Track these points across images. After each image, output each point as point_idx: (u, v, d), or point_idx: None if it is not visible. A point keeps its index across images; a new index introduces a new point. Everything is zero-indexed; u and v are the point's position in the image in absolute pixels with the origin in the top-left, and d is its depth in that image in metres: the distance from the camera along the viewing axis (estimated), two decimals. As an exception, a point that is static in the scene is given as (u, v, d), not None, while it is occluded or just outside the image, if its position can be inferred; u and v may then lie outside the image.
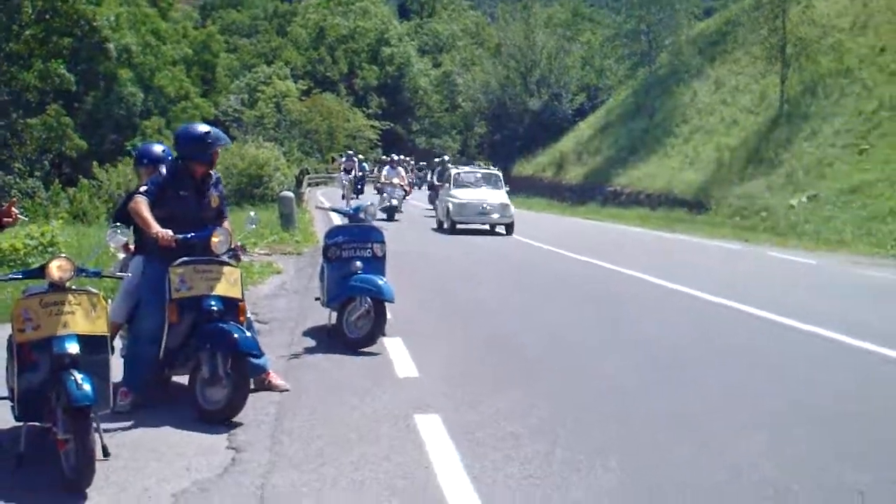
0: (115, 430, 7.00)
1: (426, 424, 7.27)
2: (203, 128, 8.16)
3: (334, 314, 10.54)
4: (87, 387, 5.84)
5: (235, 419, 7.37)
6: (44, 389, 6.15)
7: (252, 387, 8.04)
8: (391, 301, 10.18)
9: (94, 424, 5.96)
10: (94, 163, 45.15)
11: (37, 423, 6.33)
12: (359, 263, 10.34)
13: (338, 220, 18.20)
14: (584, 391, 8.53)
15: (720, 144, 37.30)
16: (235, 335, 7.36)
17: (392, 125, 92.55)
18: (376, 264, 10.53)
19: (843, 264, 19.36)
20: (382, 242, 10.77)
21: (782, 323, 11.88)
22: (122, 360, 8.01)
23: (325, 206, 14.76)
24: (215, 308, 7.57)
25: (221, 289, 7.73)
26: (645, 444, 6.95)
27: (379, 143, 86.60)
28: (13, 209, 6.84)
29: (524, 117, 63.72)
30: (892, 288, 16.29)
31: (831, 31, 37.40)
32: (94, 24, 52.07)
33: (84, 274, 6.65)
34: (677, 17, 49.53)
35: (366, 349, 10.01)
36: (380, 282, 10.21)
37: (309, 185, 54.41)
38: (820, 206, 26.93)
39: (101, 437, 6.07)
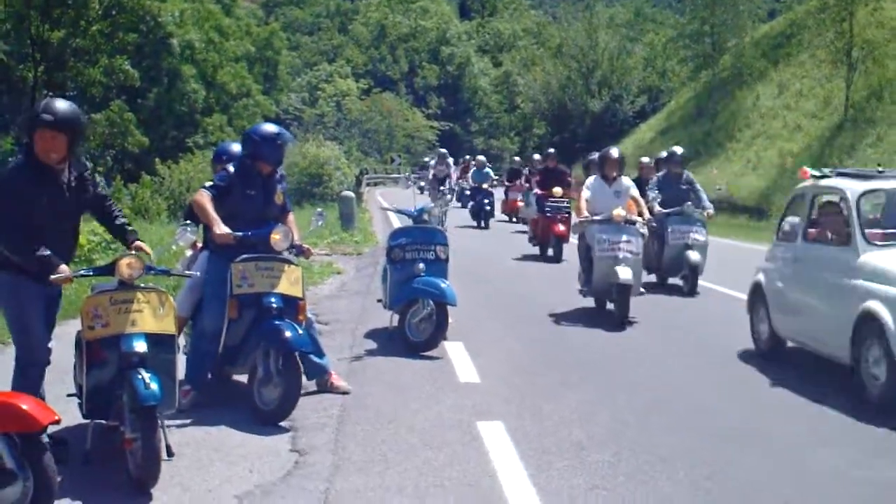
0: (179, 428, 7.04)
1: (489, 431, 7.24)
2: (273, 128, 8.21)
3: (396, 316, 10.53)
4: (154, 386, 5.87)
5: (298, 421, 7.39)
6: (111, 387, 6.19)
7: (315, 388, 8.10)
8: (454, 304, 10.15)
9: (161, 424, 5.99)
10: (156, 159, 45.55)
11: (104, 421, 6.37)
12: (422, 266, 10.32)
13: (398, 221, 18.24)
14: (648, 398, 8.43)
15: (783, 150, 36.87)
16: (288, 332, 7.35)
17: (451, 125, 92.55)
18: (439, 267, 10.50)
19: None
20: (446, 245, 10.74)
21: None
22: (185, 356, 8.06)
23: (387, 207, 14.80)
24: (275, 305, 7.57)
25: (282, 286, 7.71)
26: (712, 454, 6.85)
27: (437, 144, 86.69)
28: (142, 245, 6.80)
29: (584, 119, 63.44)
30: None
31: (900, 34, 36.88)
32: (159, 20, 52.54)
33: (152, 272, 6.70)
34: (741, 18, 49.03)
35: (427, 353, 9.99)
36: (443, 285, 10.17)
37: (367, 184, 54.56)
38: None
39: (165, 437, 6.10)
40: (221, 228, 7.51)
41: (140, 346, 6.12)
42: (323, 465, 6.46)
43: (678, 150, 16.00)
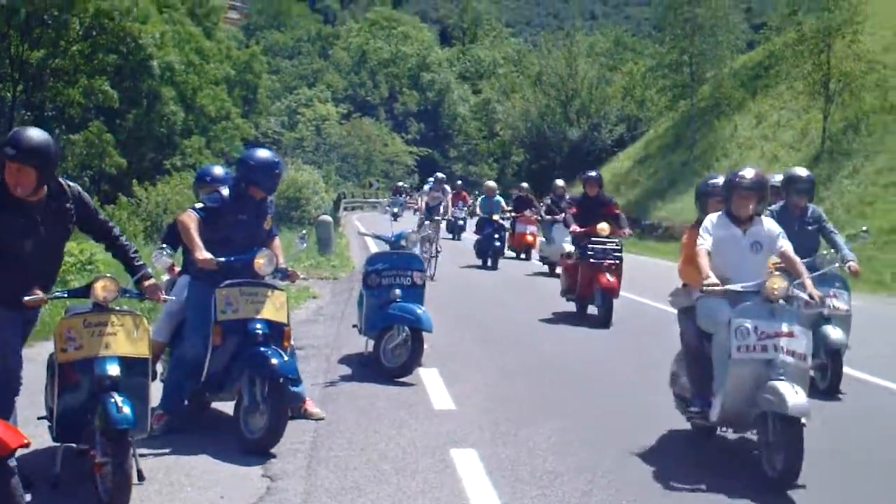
0: (151, 454, 6.97)
1: (463, 459, 7.21)
2: (269, 154, 8.14)
3: (371, 342, 10.51)
4: (127, 410, 5.82)
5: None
6: (83, 410, 6.13)
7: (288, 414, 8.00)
8: (429, 331, 10.14)
9: (132, 448, 5.94)
10: (134, 181, 45.43)
11: (74, 445, 6.30)
12: (398, 291, 10.31)
13: (375, 246, 18.21)
14: (624, 427, 8.42)
15: (760, 180, 37.05)
16: (274, 360, 7.17)
17: (430, 151, 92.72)
18: (415, 293, 10.49)
19: (883, 306, 19.15)
20: (423, 270, 10.75)
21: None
22: (161, 382, 8.00)
23: (365, 232, 14.62)
24: (260, 332, 7.44)
25: (267, 312, 7.60)
26: (686, 484, 6.84)
27: (416, 170, 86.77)
28: (161, 295, 6.71)
29: (563, 146, 63.59)
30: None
31: (876, 66, 37.10)
32: (140, 41, 52.50)
33: (127, 294, 6.59)
34: (720, 49, 49.25)
35: (402, 379, 9.96)
36: (419, 311, 10.16)
37: (345, 209, 54.51)
38: (860, 246, 26.60)
39: (137, 461, 6.04)
40: (203, 254, 7.37)
41: (113, 370, 6.07)
42: (295, 491, 6.41)
43: (803, 172, 10.87)
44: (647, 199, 46.96)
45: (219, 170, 9.02)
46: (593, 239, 14.69)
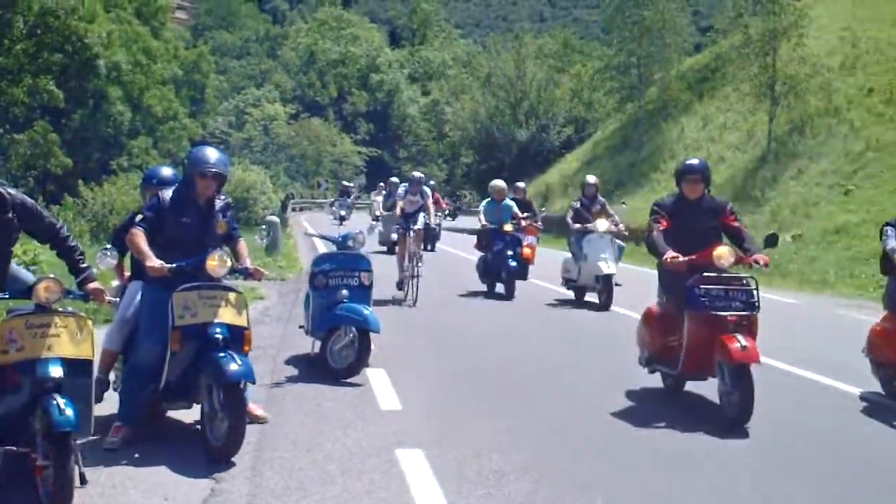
0: (93, 455, 6.87)
1: (409, 459, 7.20)
2: (211, 147, 7.97)
3: (318, 343, 10.46)
4: (69, 412, 5.73)
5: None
6: (24, 413, 6.01)
7: None
8: (377, 331, 10.12)
9: (75, 451, 5.85)
10: (80, 181, 45.00)
11: (14, 448, 6.14)
12: (345, 292, 10.27)
13: (323, 247, 18.13)
14: (570, 425, 8.45)
15: (707, 181, 37.31)
16: (231, 365, 6.94)
17: (379, 152, 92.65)
18: (363, 293, 10.46)
19: (827, 306, 19.36)
20: (370, 271, 10.70)
21: (765, 363, 11.82)
22: (115, 393, 7.87)
23: (312, 233, 14.56)
24: (220, 336, 7.20)
25: (227, 316, 7.36)
26: (632, 481, 6.88)
27: (364, 170, 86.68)
28: (107, 297, 6.79)
29: (511, 148, 63.83)
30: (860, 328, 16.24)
31: (821, 70, 37.54)
32: (86, 41, 52.09)
33: (71, 296, 6.50)
34: (667, 51, 49.68)
35: (349, 380, 9.93)
36: (366, 311, 10.14)
37: (293, 210, 54.29)
38: (804, 246, 26.95)
39: (79, 465, 5.98)
40: (153, 261, 7.14)
41: (56, 371, 5.97)
42: (240, 492, 6.37)
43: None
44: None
45: (167, 171, 8.74)
46: (706, 274, 8.72)
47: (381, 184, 42.22)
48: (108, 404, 7.78)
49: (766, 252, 9.14)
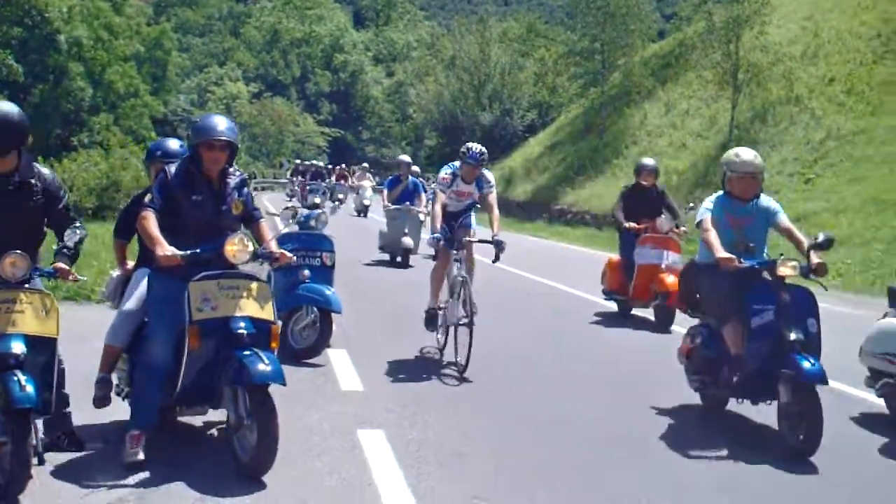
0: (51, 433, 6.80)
1: (370, 440, 7.21)
2: (219, 118, 6.89)
3: (279, 323, 10.42)
4: (30, 388, 5.64)
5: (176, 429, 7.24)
6: None
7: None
8: (339, 312, 10.11)
9: (34, 428, 5.80)
10: (40, 157, 44.55)
11: None
12: (307, 272, 10.23)
13: (284, 227, 18.04)
14: (530, 409, 8.49)
15: (668, 168, 37.37)
16: (259, 366, 6.19)
17: (342, 132, 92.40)
18: (325, 274, 10.43)
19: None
20: (332, 251, 10.66)
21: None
22: (117, 396, 7.35)
23: (274, 212, 14.46)
24: (245, 332, 6.38)
25: (251, 308, 6.51)
26: (590, 464, 6.94)
27: (327, 150, 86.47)
28: (73, 275, 6.45)
29: (475, 131, 63.71)
30: (833, 319, 16.40)
31: (783, 58, 37.73)
32: (46, 15, 51.56)
33: (38, 273, 6.32)
34: (631, 37, 49.64)
35: (310, 360, 9.93)
36: (328, 292, 10.12)
37: (255, 189, 54.02)
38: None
39: (38, 442, 5.93)
40: (165, 248, 6.31)
41: (18, 347, 5.85)
42: (199, 473, 6.34)
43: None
44: (556, 184, 47.28)
45: (174, 143, 7.90)
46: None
47: (365, 164, 43.24)
48: (113, 409, 7.52)
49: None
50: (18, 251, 6.05)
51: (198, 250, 6.47)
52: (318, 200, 13.90)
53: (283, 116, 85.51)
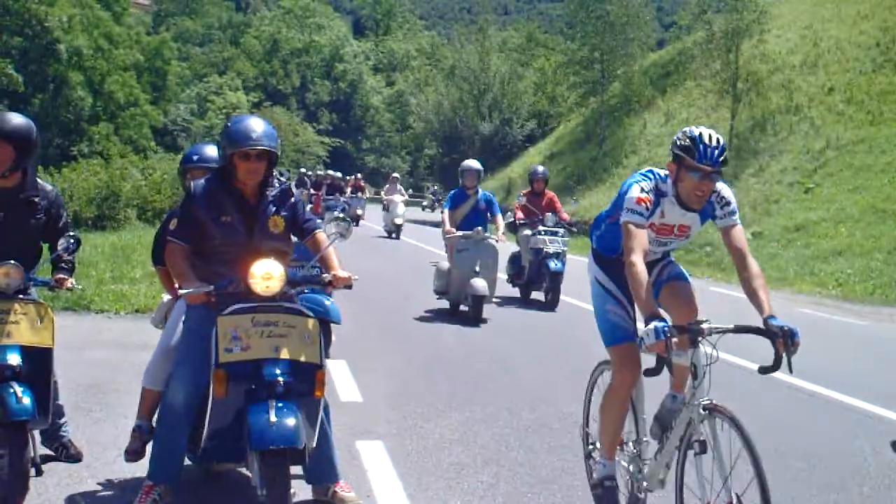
0: (49, 445, 6.79)
1: (369, 451, 7.19)
2: (255, 121, 5.75)
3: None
4: (26, 400, 5.57)
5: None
6: None
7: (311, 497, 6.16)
8: (338, 322, 10.08)
9: (31, 440, 5.75)
10: (39, 167, 44.58)
11: None
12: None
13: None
14: (531, 419, 8.47)
15: (668, 177, 37.49)
16: (287, 421, 5.09)
17: (342, 142, 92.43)
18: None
19: (786, 302, 19.49)
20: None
21: (722, 359, 11.90)
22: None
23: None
24: (282, 380, 5.23)
25: (291, 349, 5.35)
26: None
27: (327, 160, 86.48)
28: (69, 282, 6.35)
29: (475, 141, 63.78)
30: (832, 328, 16.42)
31: (782, 68, 37.85)
32: (46, 24, 51.63)
33: (33, 283, 6.24)
34: (630, 46, 49.75)
35: (309, 370, 9.87)
36: (326, 302, 10.08)
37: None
38: (764, 244, 27.13)
39: (36, 454, 5.90)
40: (190, 284, 5.44)
41: (13, 359, 5.76)
42: (195, 481, 6.32)
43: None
44: (556, 193, 47.17)
45: (212, 149, 6.75)
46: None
47: (395, 175, 37.80)
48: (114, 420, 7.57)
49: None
50: (12, 262, 5.98)
51: (224, 282, 5.47)
52: (347, 226, 12.93)
53: (282, 126, 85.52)
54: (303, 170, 49.10)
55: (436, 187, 68.93)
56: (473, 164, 15.53)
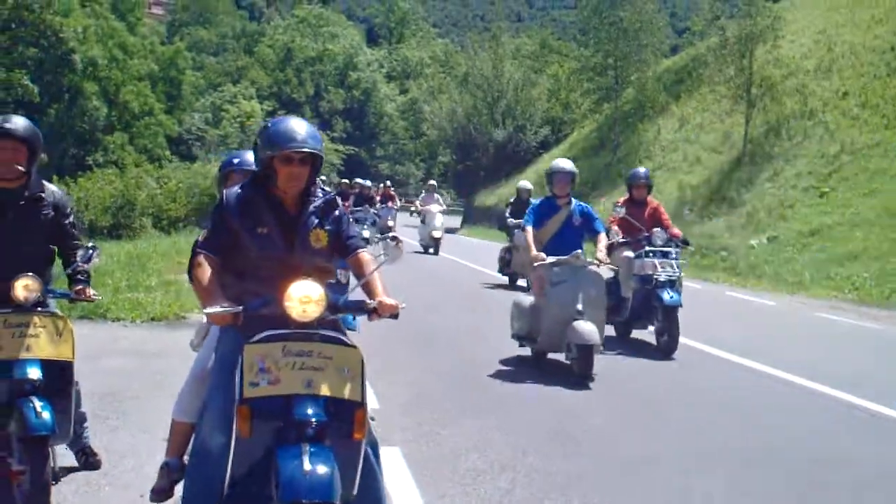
0: (68, 453, 6.78)
1: (386, 458, 7.15)
2: (297, 122, 5.05)
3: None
4: (46, 415, 5.46)
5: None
6: (1, 415, 5.72)
7: None
8: (355, 330, 10.08)
9: (51, 456, 5.70)
10: (54, 177, 44.72)
11: None
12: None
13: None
14: (548, 426, 8.46)
15: (682, 183, 37.48)
16: (319, 469, 4.33)
17: (356, 150, 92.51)
18: (340, 291, 10.37)
19: (802, 307, 19.44)
20: (346, 269, 10.59)
21: (741, 364, 11.90)
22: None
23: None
24: (314, 420, 4.49)
25: (328, 384, 4.58)
26: (606, 481, 6.91)
27: (342, 168, 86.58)
28: (89, 292, 6.31)
29: (489, 147, 63.81)
30: (849, 332, 16.36)
31: (796, 72, 37.75)
32: (61, 35, 51.82)
33: (52, 295, 6.18)
34: (644, 52, 49.70)
35: (326, 377, 9.84)
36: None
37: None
38: (780, 248, 27.04)
39: (55, 465, 5.88)
40: (216, 302, 4.66)
41: (34, 373, 5.69)
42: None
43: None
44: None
45: (252, 155, 5.63)
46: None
47: (432, 182, 33.78)
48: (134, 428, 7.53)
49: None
50: (31, 273, 5.90)
51: (255, 303, 4.72)
52: (367, 234, 12.03)
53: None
54: (323, 178, 48.32)
55: (449, 194, 68.90)
56: (566, 164, 12.24)
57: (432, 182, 33.92)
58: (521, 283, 17.74)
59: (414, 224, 34.53)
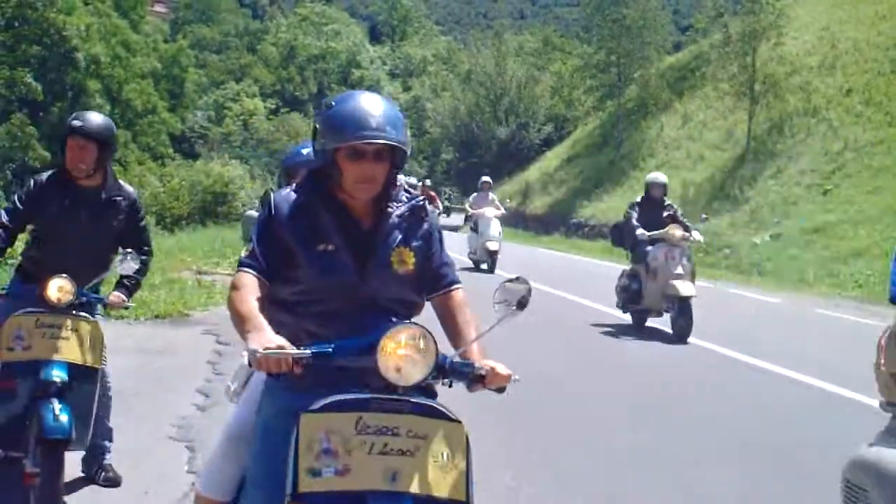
0: (72, 455, 6.77)
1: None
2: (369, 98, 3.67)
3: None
4: (64, 418, 5.34)
5: (196, 441, 7.21)
6: (23, 415, 5.62)
7: None
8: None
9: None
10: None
11: (2, 452, 5.81)
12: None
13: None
14: (552, 423, 8.47)
15: (686, 180, 37.38)
16: None
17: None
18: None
19: (805, 304, 19.42)
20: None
21: (746, 362, 11.90)
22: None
23: None
24: None
25: (419, 479, 3.22)
26: (611, 476, 6.93)
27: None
28: (122, 298, 6.27)
29: (492, 145, 63.79)
30: (853, 330, 16.34)
31: (800, 69, 37.71)
32: (64, 33, 51.80)
33: (85, 298, 5.97)
34: (647, 50, 49.64)
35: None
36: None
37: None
38: (783, 246, 27.03)
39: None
40: (266, 341, 3.18)
41: (58, 375, 5.57)
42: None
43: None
44: (573, 197, 47.29)
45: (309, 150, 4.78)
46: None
47: (487, 179, 26.74)
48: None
49: None
50: (65, 275, 5.79)
51: (328, 347, 3.29)
52: None
53: (300, 132, 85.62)
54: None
55: (451, 191, 68.90)
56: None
57: (486, 179, 26.64)
58: (653, 323, 14.66)
59: (450, 226, 31.21)
